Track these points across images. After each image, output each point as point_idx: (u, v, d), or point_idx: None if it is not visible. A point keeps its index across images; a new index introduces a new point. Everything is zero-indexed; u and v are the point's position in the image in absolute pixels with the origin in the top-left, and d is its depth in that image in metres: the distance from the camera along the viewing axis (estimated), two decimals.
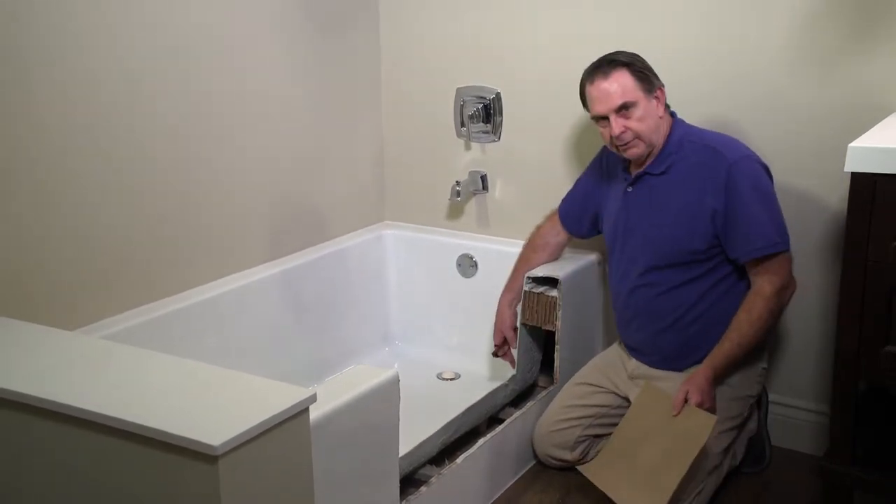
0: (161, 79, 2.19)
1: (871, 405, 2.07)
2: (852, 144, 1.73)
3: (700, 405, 2.04)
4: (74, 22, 1.98)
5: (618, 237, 2.27)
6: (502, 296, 2.51)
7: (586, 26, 2.53)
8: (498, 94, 2.73)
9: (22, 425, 1.49)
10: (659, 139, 2.14)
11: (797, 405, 2.45)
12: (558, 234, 2.50)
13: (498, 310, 2.51)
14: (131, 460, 1.38)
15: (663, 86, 2.15)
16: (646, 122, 2.09)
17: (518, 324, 2.48)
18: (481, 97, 2.75)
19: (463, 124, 2.80)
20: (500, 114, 2.74)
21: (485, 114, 2.75)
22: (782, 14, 2.25)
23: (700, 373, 2.09)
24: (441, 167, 2.88)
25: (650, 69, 2.13)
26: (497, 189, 2.82)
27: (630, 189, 2.22)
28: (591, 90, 2.13)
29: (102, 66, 2.05)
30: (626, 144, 2.12)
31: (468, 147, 2.83)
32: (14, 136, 1.90)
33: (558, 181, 2.68)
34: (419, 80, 2.87)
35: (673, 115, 2.19)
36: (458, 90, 2.79)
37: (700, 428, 2.00)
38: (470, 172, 2.83)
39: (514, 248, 2.73)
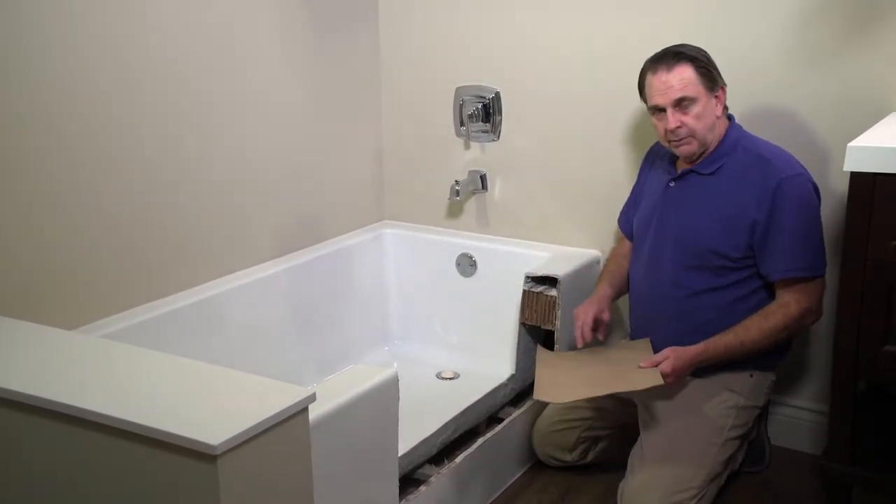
0: (160, 78, 2.19)
1: (871, 404, 2.07)
2: (851, 144, 1.73)
3: (665, 375, 2.00)
4: (74, 23, 1.98)
5: (650, 230, 2.21)
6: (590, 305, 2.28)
7: (585, 25, 2.53)
8: (497, 94, 2.73)
9: (20, 425, 1.49)
10: (713, 139, 2.09)
11: (797, 405, 2.45)
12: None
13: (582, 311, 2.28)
14: (130, 460, 1.38)
15: (725, 85, 2.10)
16: (703, 121, 2.05)
17: (518, 323, 2.48)
18: (480, 96, 2.75)
19: (462, 123, 2.80)
20: (500, 113, 2.74)
21: (484, 113, 2.75)
22: (783, 13, 2.25)
23: (690, 351, 2.04)
24: (440, 166, 2.88)
25: (715, 66, 2.08)
26: (496, 188, 2.82)
27: (673, 184, 2.17)
28: (653, 80, 2.07)
29: (102, 66, 2.05)
30: (679, 140, 2.07)
31: (467, 146, 2.83)
32: (11, 136, 1.90)
33: (558, 180, 2.68)
34: (418, 80, 2.87)
35: (730, 117, 2.15)
36: (458, 89, 2.79)
37: (645, 379, 1.99)
38: (469, 172, 2.83)
39: (513, 247, 2.74)
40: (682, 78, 2.03)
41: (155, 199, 2.22)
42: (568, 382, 2.10)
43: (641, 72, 2.13)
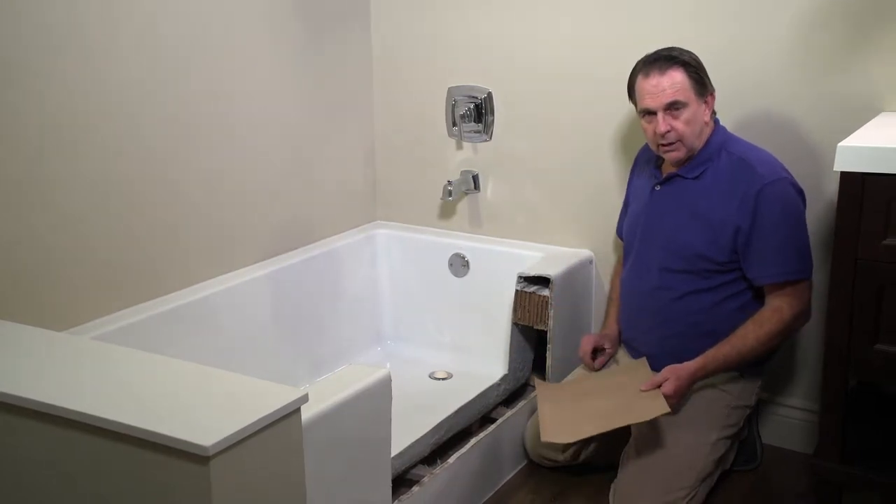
0: (153, 79, 2.18)
1: (862, 403, 2.08)
2: (841, 144, 1.74)
3: (668, 396, 2.01)
4: (70, 24, 1.98)
5: (637, 234, 2.23)
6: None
7: (578, 26, 2.54)
8: (489, 94, 2.73)
9: (10, 427, 1.48)
10: (699, 144, 2.10)
11: (788, 403, 2.45)
12: None
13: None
14: (122, 461, 1.37)
15: (714, 90, 2.11)
16: (692, 126, 2.06)
17: (511, 322, 2.48)
18: (473, 97, 2.75)
19: (454, 124, 2.80)
20: (492, 113, 2.74)
21: (476, 113, 2.75)
22: (778, 16, 2.25)
23: (687, 367, 2.06)
24: (433, 167, 2.88)
25: (705, 72, 2.09)
26: (489, 189, 2.82)
27: (658, 188, 2.19)
28: (644, 83, 2.08)
29: (97, 66, 2.05)
30: (668, 145, 2.08)
31: (460, 146, 2.84)
32: (5, 137, 1.89)
33: (550, 181, 2.69)
34: (411, 80, 2.87)
35: (716, 121, 2.15)
36: (450, 90, 2.79)
37: (651, 409, 1.99)
38: (462, 172, 2.83)
39: (506, 247, 2.75)
40: (675, 82, 2.04)
41: (147, 200, 2.21)
42: (573, 419, 2.08)
43: (632, 73, 2.14)
